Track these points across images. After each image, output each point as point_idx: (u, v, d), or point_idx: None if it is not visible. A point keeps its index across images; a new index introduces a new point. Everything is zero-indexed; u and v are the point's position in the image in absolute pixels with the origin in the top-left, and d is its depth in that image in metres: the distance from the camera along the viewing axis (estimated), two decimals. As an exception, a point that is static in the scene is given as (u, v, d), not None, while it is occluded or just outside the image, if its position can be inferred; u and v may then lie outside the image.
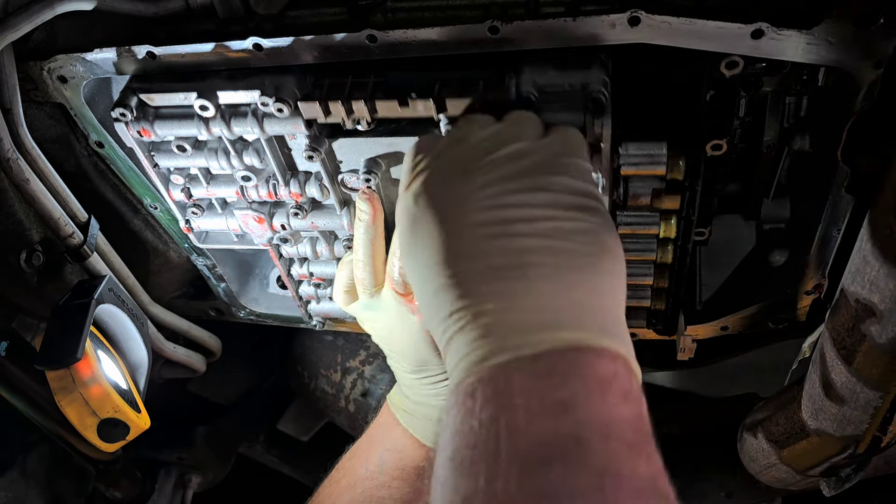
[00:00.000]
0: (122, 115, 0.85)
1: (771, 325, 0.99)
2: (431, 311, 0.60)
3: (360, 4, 0.81)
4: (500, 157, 0.63)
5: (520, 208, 0.59)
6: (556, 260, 0.57)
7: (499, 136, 0.65)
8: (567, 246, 0.58)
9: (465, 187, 0.62)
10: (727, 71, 0.73)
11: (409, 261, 0.65)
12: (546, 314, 0.55)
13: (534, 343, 0.53)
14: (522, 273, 0.56)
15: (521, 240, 0.58)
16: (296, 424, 1.81)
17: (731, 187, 1.02)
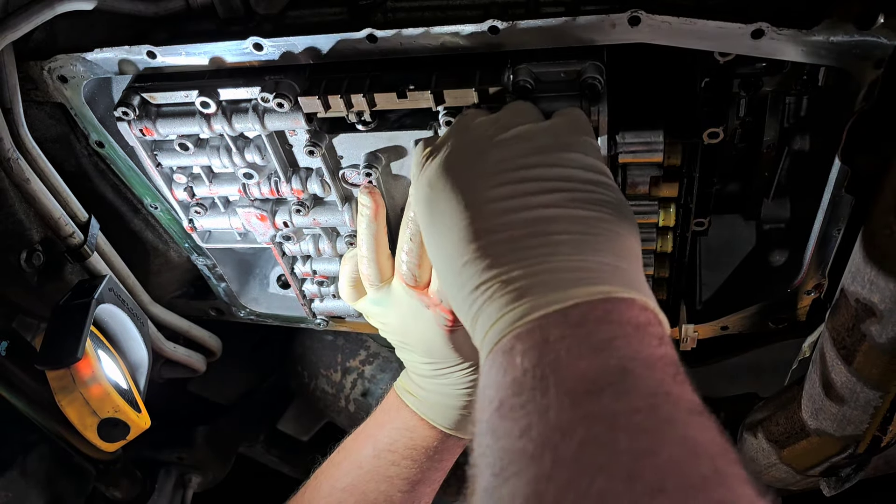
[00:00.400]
0: (124, 114, 0.85)
1: (771, 324, 0.99)
2: (457, 288, 0.61)
3: (360, 4, 0.81)
4: (510, 138, 0.66)
5: (537, 181, 0.62)
6: (576, 227, 0.59)
7: (502, 122, 0.68)
8: (586, 214, 0.60)
9: (479, 166, 0.64)
10: (721, 58, 0.73)
11: (430, 243, 0.66)
12: (573, 274, 0.56)
13: (564, 298, 0.54)
14: (546, 240, 0.58)
15: (540, 210, 0.60)
16: (296, 424, 1.81)
17: (732, 187, 1.02)
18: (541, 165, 0.63)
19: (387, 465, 0.93)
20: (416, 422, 0.94)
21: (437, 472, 0.96)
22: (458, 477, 1.54)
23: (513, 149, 0.65)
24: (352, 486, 0.93)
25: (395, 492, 0.92)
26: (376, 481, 0.93)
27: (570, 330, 0.52)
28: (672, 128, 0.80)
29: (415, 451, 0.93)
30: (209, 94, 0.82)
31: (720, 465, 0.45)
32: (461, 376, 0.90)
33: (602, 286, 0.55)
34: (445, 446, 0.95)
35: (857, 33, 0.66)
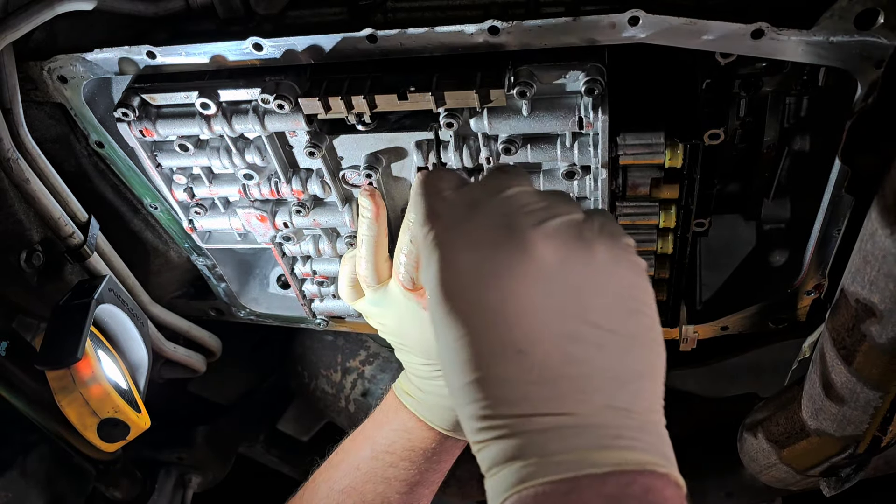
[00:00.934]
0: (124, 115, 0.85)
1: (771, 325, 0.99)
2: (467, 400, 0.55)
3: (360, 4, 0.81)
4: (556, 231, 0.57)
5: (577, 300, 0.55)
6: (614, 363, 0.54)
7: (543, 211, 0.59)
8: (625, 351, 0.55)
9: (516, 264, 0.55)
10: (722, 59, 0.73)
11: (442, 339, 0.58)
12: (610, 429, 0.52)
13: (602, 461, 0.51)
14: (583, 371, 0.53)
15: (583, 329, 0.54)
16: (296, 424, 1.81)
17: (732, 187, 1.02)
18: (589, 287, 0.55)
19: (385, 466, 0.93)
20: (414, 423, 0.94)
21: (435, 474, 0.96)
22: (457, 478, 1.54)
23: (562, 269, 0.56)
24: (350, 488, 0.93)
25: (394, 493, 0.92)
26: (374, 483, 0.92)
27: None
28: (673, 129, 0.80)
29: (413, 452, 0.93)
30: (209, 96, 0.82)
31: None
32: None
33: (639, 454, 0.52)
34: (444, 448, 0.95)
35: (857, 33, 0.66)
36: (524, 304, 0.54)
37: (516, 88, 0.75)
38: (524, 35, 0.73)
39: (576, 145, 0.81)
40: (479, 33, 0.73)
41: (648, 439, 0.53)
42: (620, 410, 0.53)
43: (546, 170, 0.86)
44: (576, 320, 0.54)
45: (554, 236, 0.56)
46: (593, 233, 0.58)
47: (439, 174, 0.67)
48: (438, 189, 0.64)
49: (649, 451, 0.53)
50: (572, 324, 0.54)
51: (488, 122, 0.80)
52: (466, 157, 0.84)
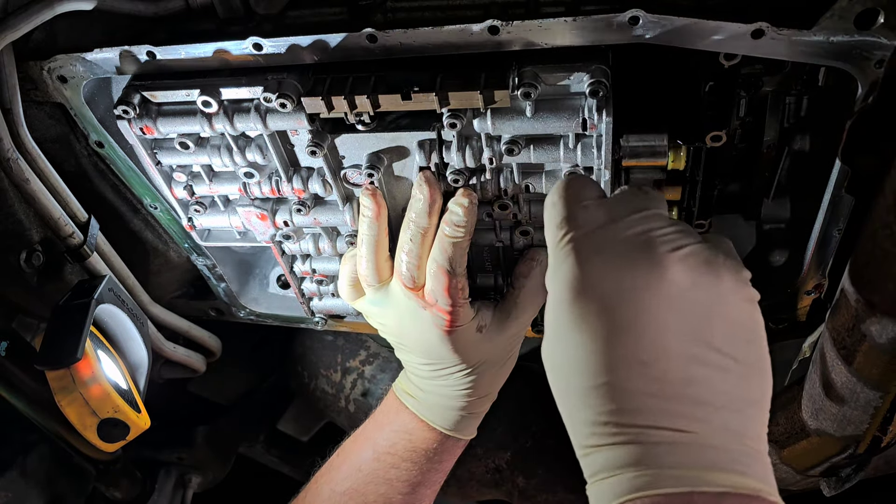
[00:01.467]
0: (124, 113, 0.85)
1: (771, 324, 0.99)
2: (581, 406, 0.58)
3: (360, 4, 0.81)
4: (689, 256, 0.60)
5: (704, 324, 0.58)
6: (733, 388, 0.57)
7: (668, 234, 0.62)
8: (743, 378, 0.58)
9: (652, 282, 0.58)
10: (726, 62, 0.73)
11: (563, 341, 0.60)
12: (726, 455, 0.54)
13: (718, 482, 0.53)
14: (702, 392, 0.56)
15: (707, 353, 0.57)
16: (296, 424, 1.81)
17: (732, 187, 1.02)
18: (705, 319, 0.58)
19: (387, 467, 0.93)
20: (415, 423, 0.94)
21: (437, 474, 0.96)
22: (457, 478, 1.54)
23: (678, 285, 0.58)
24: (352, 490, 0.93)
25: (396, 494, 0.92)
26: (376, 484, 0.92)
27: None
28: (675, 131, 0.80)
29: (414, 453, 0.93)
30: (211, 94, 0.82)
31: None
32: (459, 377, 0.90)
33: (752, 480, 0.54)
34: (445, 447, 0.95)
35: (857, 33, 0.66)
36: (655, 320, 0.57)
37: (520, 89, 0.75)
38: (525, 34, 0.73)
39: (579, 147, 0.81)
40: (479, 33, 0.73)
41: (759, 467, 0.56)
42: (735, 434, 0.55)
43: (548, 171, 0.86)
44: (700, 343, 0.57)
45: (686, 261, 0.59)
46: (720, 262, 0.60)
47: (582, 181, 0.68)
48: (580, 197, 0.66)
49: (761, 480, 0.55)
50: (697, 346, 0.57)
51: (492, 122, 0.80)
52: (469, 157, 0.84)
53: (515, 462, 1.45)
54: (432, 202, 0.84)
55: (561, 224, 0.65)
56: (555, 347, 0.62)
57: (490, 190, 0.87)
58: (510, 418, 1.44)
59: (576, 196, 0.66)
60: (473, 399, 0.93)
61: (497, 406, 0.99)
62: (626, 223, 0.62)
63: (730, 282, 0.60)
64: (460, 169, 0.85)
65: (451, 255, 0.83)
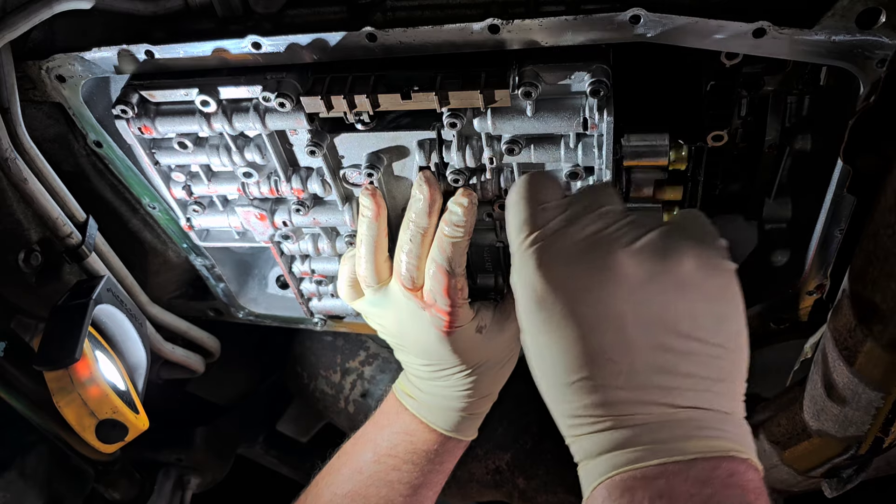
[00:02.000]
0: (123, 112, 0.84)
1: (773, 325, 0.99)
2: (559, 401, 0.63)
3: (359, 3, 0.81)
4: (643, 249, 0.62)
5: (665, 312, 0.61)
6: (700, 370, 0.60)
7: (629, 224, 0.65)
8: (711, 355, 0.61)
9: (608, 286, 0.61)
10: (727, 61, 0.73)
11: (535, 342, 0.64)
12: (695, 423, 0.58)
13: (688, 450, 0.57)
14: (668, 380, 0.59)
15: (666, 351, 0.60)
16: (295, 425, 1.81)
17: (733, 187, 1.01)
18: (673, 295, 0.61)
19: (388, 469, 0.93)
20: (415, 425, 0.93)
21: (438, 475, 0.96)
22: (458, 479, 1.54)
23: (644, 268, 0.61)
24: (353, 492, 0.92)
25: (397, 496, 0.92)
26: (377, 486, 0.92)
27: (697, 488, 0.55)
28: (676, 131, 0.80)
29: (415, 454, 0.93)
30: (209, 93, 0.82)
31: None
32: (459, 378, 0.90)
33: (723, 442, 0.58)
34: (446, 449, 0.95)
35: (858, 32, 0.66)
36: (615, 317, 0.60)
37: (521, 89, 0.74)
38: (526, 34, 0.73)
39: (580, 146, 0.81)
40: (479, 31, 0.73)
41: (731, 430, 0.60)
42: (704, 410, 0.59)
43: (549, 171, 0.86)
44: (664, 331, 0.60)
45: (640, 254, 0.62)
46: (677, 246, 0.63)
47: (541, 180, 0.71)
48: (539, 198, 0.69)
49: (732, 440, 0.59)
50: (661, 334, 0.60)
51: (492, 122, 0.79)
52: (469, 156, 0.83)
53: (516, 463, 1.45)
54: (432, 202, 0.84)
55: (521, 227, 0.68)
56: (529, 348, 0.65)
57: (490, 190, 0.87)
58: (510, 419, 1.44)
59: (535, 197, 0.69)
60: (474, 400, 0.92)
61: (497, 407, 0.99)
62: (582, 223, 0.65)
63: (690, 264, 0.62)
64: (460, 169, 0.84)
65: (450, 255, 0.83)
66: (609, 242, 0.63)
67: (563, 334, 0.61)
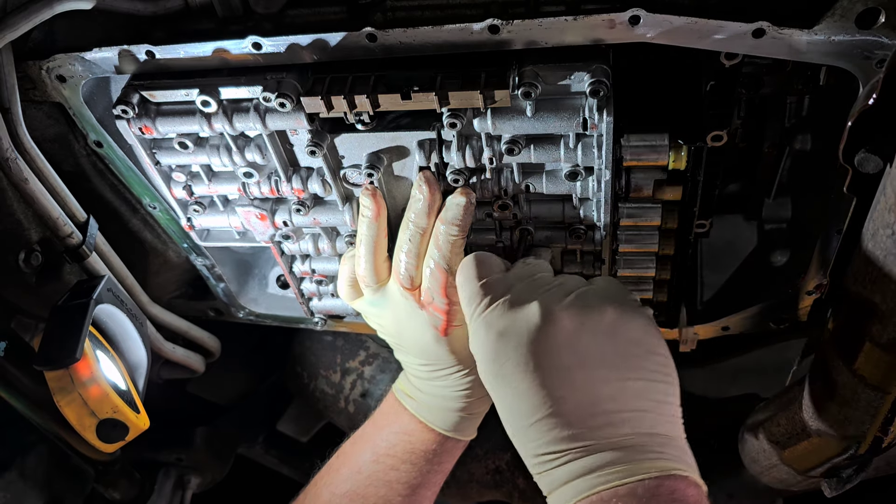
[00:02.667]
0: (123, 112, 0.84)
1: (772, 325, 0.99)
2: (524, 441, 0.72)
3: (359, 3, 0.81)
4: (573, 303, 0.75)
5: (599, 352, 0.72)
6: (637, 401, 0.69)
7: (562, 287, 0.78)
8: (647, 385, 0.71)
9: (545, 333, 0.72)
10: (727, 61, 0.73)
11: (495, 393, 0.75)
12: (639, 447, 0.66)
13: (632, 473, 0.65)
14: (611, 417, 0.68)
15: (608, 375, 0.70)
16: (295, 425, 1.81)
17: (733, 187, 1.02)
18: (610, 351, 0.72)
19: (386, 469, 0.93)
20: (414, 425, 0.93)
21: (437, 475, 0.96)
22: (457, 479, 1.54)
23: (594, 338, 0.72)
24: (352, 492, 0.93)
25: (395, 496, 0.92)
26: (376, 486, 0.92)
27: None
28: (676, 131, 0.80)
29: (414, 454, 0.93)
30: (210, 93, 0.82)
31: None
32: (457, 378, 0.90)
33: (665, 462, 0.66)
34: (444, 449, 0.95)
35: (858, 32, 0.66)
36: (558, 363, 0.71)
37: (521, 89, 0.74)
38: (526, 34, 0.73)
39: (579, 146, 0.81)
40: (479, 32, 0.73)
41: (670, 451, 0.67)
42: (645, 435, 0.67)
43: (549, 170, 0.86)
44: (600, 368, 0.70)
45: (571, 308, 0.74)
46: (600, 300, 0.75)
47: (481, 260, 0.82)
48: (482, 275, 0.80)
49: (672, 460, 0.66)
50: (598, 370, 0.70)
51: (492, 122, 0.79)
52: (469, 157, 0.83)
53: (515, 463, 1.45)
54: (432, 202, 0.84)
55: (469, 301, 0.79)
56: (493, 398, 0.76)
57: (490, 190, 0.87)
58: (510, 419, 1.43)
59: (478, 274, 0.80)
60: (472, 400, 0.92)
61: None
62: (519, 290, 0.77)
63: (611, 313, 0.74)
64: (460, 169, 0.85)
65: (447, 254, 0.83)
66: (545, 303, 0.74)
67: (516, 384, 0.71)
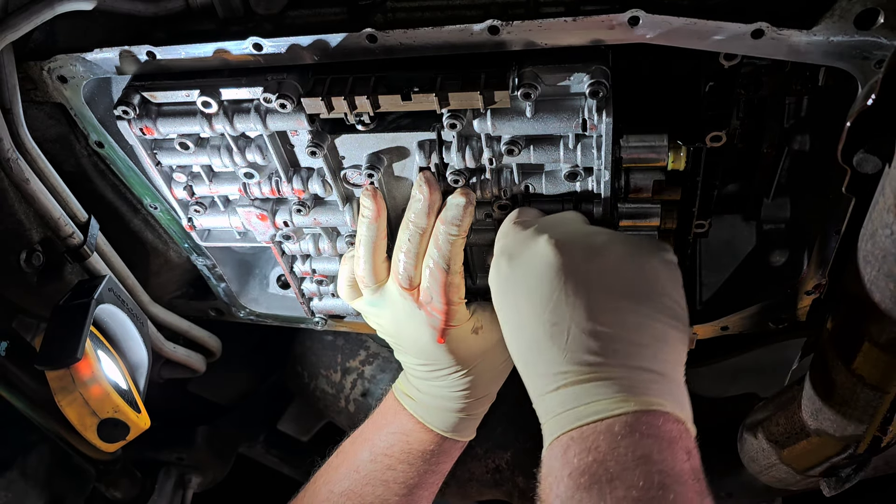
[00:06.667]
0: (124, 113, 0.85)
1: (771, 325, 0.99)
2: (525, 364, 0.74)
3: (360, 4, 0.81)
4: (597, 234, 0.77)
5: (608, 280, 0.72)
6: (635, 335, 0.69)
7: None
8: (645, 323, 0.70)
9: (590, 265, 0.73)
10: (726, 62, 0.73)
11: (504, 307, 0.77)
12: (626, 381, 0.67)
13: (616, 408, 0.65)
14: (601, 347, 0.68)
15: (609, 303, 0.70)
16: (296, 424, 1.81)
17: (732, 187, 1.02)
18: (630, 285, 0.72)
19: (383, 469, 0.93)
20: (412, 425, 0.94)
21: (434, 476, 0.96)
22: (457, 478, 1.54)
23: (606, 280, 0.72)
24: (349, 491, 0.93)
25: (392, 496, 0.93)
26: (373, 485, 0.93)
27: (619, 441, 0.63)
28: (675, 132, 0.80)
29: (411, 455, 0.93)
30: (210, 94, 0.82)
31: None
32: (455, 379, 0.90)
33: (649, 398, 0.66)
34: (442, 449, 0.95)
35: (857, 33, 0.66)
36: (559, 289, 0.71)
37: (520, 90, 0.75)
38: (525, 35, 0.73)
39: (579, 147, 0.81)
40: (479, 33, 0.73)
41: (657, 387, 0.67)
42: (635, 369, 0.67)
43: (548, 171, 0.86)
44: (601, 298, 0.70)
45: (583, 241, 0.74)
46: (620, 241, 0.75)
47: (524, 210, 0.86)
48: (519, 217, 0.84)
49: (656, 395, 0.66)
50: (598, 301, 0.70)
51: (492, 122, 0.80)
52: (469, 157, 0.84)
53: (515, 462, 1.45)
54: (432, 203, 0.84)
55: (498, 238, 0.84)
56: (500, 322, 0.78)
57: (490, 190, 0.87)
58: (510, 418, 1.44)
59: (515, 217, 0.85)
60: (471, 401, 0.93)
61: (497, 406, 0.99)
62: (543, 225, 0.80)
63: (625, 250, 0.74)
64: (460, 169, 0.85)
65: (446, 253, 0.83)
66: (560, 234, 0.75)
67: (520, 308, 0.73)
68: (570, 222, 0.81)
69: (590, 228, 0.80)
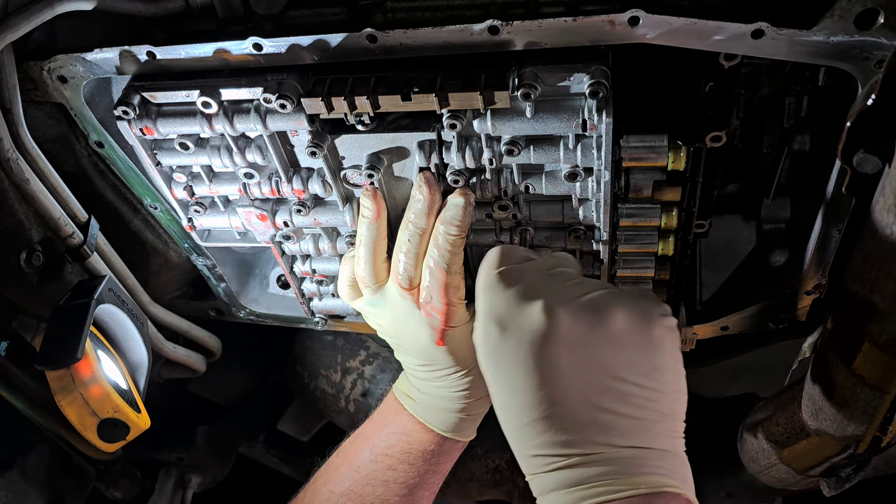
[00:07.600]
0: (124, 113, 0.85)
1: (771, 325, 0.99)
2: (518, 439, 0.70)
3: (360, 4, 0.81)
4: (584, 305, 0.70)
5: (602, 360, 0.68)
6: (638, 412, 0.67)
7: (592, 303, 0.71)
8: (648, 401, 0.67)
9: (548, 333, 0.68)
10: (726, 62, 0.73)
11: (495, 378, 0.72)
12: (634, 460, 0.65)
13: (625, 487, 0.63)
14: (609, 420, 0.66)
15: (609, 384, 0.67)
16: (296, 424, 1.81)
17: (732, 187, 1.02)
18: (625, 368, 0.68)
19: (383, 469, 0.93)
20: (413, 425, 0.94)
21: (434, 476, 0.96)
22: (457, 478, 1.54)
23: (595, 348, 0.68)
24: (350, 491, 0.93)
25: (393, 496, 0.93)
26: (373, 485, 0.93)
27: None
28: (675, 132, 0.80)
29: (411, 455, 0.93)
30: (210, 94, 0.82)
31: None
32: (456, 379, 0.90)
33: (658, 478, 0.64)
34: (443, 449, 0.95)
35: (857, 33, 0.66)
36: (555, 364, 0.67)
37: (520, 90, 0.75)
38: (525, 35, 0.73)
39: (579, 147, 0.81)
40: (479, 33, 0.73)
41: (665, 466, 0.66)
42: (641, 448, 0.65)
43: (548, 171, 0.86)
44: (601, 377, 0.66)
45: (578, 309, 0.69)
46: (615, 304, 0.70)
47: (507, 253, 0.77)
48: (502, 263, 0.76)
49: (666, 475, 0.65)
50: (598, 380, 0.66)
51: (491, 123, 0.80)
52: (469, 157, 0.84)
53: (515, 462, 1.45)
54: (432, 203, 0.84)
55: (481, 289, 0.75)
56: (489, 389, 0.73)
57: (490, 190, 0.87)
58: (510, 418, 1.44)
59: (498, 263, 0.76)
60: (471, 401, 0.93)
61: (497, 406, 0.99)
62: (532, 283, 0.73)
63: (625, 320, 0.69)
64: (460, 170, 0.85)
65: (446, 253, 0.83)
66: (553, 300, 0.69)
67: (513, 381, 0.68)
68: (563, 277, 0.74)
69: (586, 286, 0.73)
